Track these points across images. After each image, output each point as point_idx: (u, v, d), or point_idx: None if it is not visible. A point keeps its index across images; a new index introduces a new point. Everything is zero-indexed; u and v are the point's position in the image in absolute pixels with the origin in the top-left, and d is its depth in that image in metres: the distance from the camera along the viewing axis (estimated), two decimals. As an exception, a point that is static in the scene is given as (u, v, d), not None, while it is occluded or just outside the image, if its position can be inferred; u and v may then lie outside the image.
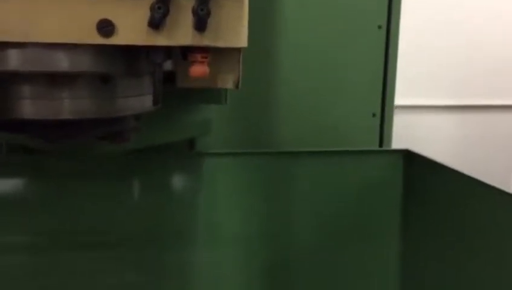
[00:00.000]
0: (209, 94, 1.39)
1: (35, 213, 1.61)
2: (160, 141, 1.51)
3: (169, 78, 1.10)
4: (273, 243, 1.78)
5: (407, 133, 2.17)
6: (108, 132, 1.07)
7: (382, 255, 1.81)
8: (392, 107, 1.88)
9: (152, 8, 0.87)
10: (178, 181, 1.74)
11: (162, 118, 1.38)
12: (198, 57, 0.93)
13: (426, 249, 1.71)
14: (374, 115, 1.86)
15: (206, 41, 0.92)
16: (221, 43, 0.94)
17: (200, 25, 0.90)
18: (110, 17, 0.87)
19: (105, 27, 0.87)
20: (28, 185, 1.63)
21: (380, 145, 1.87)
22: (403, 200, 1.78)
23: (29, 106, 0.93)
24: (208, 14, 0.89)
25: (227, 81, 1.09)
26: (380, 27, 1.82)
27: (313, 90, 1.81)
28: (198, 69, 0.93)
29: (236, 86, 1.10)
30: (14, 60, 0.89)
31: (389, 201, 1.79)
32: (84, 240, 1.65)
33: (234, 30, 0.94)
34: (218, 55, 1.02)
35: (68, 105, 0.94)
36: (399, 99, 1.94)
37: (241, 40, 0.95)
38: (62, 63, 0.90)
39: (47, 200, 1.62)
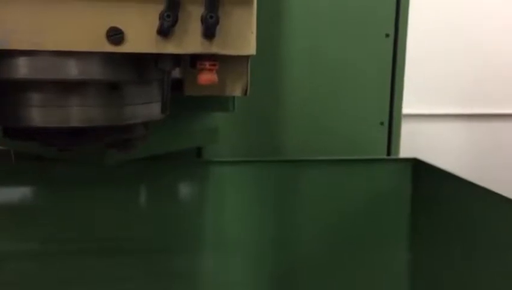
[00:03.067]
0: (217, 102, 1.39)
1: (43, 220, 1.63)
2: (168, 149, 1.51)
3: (177, 86, 1.10)
4: (280, 251, 1.78)
5: (414, 142, 2.16)
6: (117, 139, 1.07)
7: (390, 263, 1.81)
8: (399, 115, 1.88)
9: (161, 16, 0.87)
10: (186, 189, 1.75)
11: (170, 126, 1.38)
12: (207, 64, 0.93)
13: (434, 257, 1.70)
14: (381, 123, 1.86)
15: (214, 49, 0.92)
16: (230, 51, 0.94)
17: (209, 32, 0.90)
18: (119, 25, 0.88)
19: (115, 35, 0.87)
20: (36, 192, 1.64)
21: (388, 153, 1.87)
22: (411, 209, 1.77)
23: (39, 113, 0.93)
24: (217, 21, 0.89)
25: (236, 89, 1.09)
26: (387, 35, 1.83)
27: (321, 98, 1.82)
28: (207, 77, 0.93)
29: (245, 93, 1.10)
30: (24, 68, 0.89)
31: (397, 209, 1.78)
32: (92, 246, 1.66)
33: (243, 38, 0.94)
34: (225, 62, 1.01)
35: (77, 113, 0.94)
36: (406, 108, 1.94)
37: (250, 47, 0.95)
38: (71, 71, 0.90)
39: (55, 207, 1.63)
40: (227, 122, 1.66)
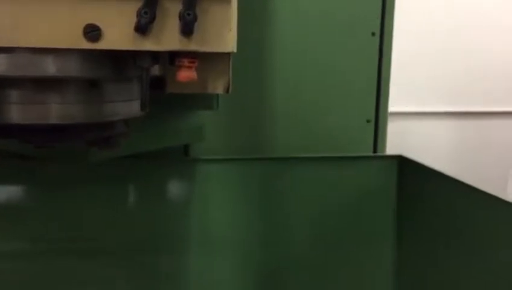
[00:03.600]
0: (201, 100, 1.39)
1: (30, 220, 1.62)
2: (153, 147, 1.51)
3: (161, 84, 1.10)
4: (267, 249, 1.78)
5: (401, 140, 2.17)
6: (98, 137, 1.07)
7: (377, 259, 1.81)
8: (386, 113, 1.88)
9: (138, 13, 0.88)
10: (172, 187, 1.74)
11: (155, 124, 1.38)
12: (186, 61, 0.93)
13: (420, 254, 1.70)
14: (368, 121, 1.87)
15: (193, 46, 0.92)
16: (208, 48, 0.94)
17: (187, 29, 0.90)
18: (96, 22, 0.88)
19: (92, 32, 0.87)
20: (20, 192, 1.63)
21: (374, 151, 1.87)
22: (396, 206, 1.78)
23: (17, 110, 0.93)
24: (195, 18, 0.89)
25: (218, 86, 1.09)
26: (373, 34, 1.83)
27: (307, 96, 1.82)
28: (186, 74, 0.93)
29: (227, 91, 1.10)
30: (1, 65, 0.89)
31: (383, 206, 1.79)
32: (78, 246, 1.65)
33: (221, 35, 0.94)
34: (208, 60, 1.02)
35: (56, 110, 0.94)
36: (393, 106, 1.94)
37: (228, 44, 0.95)
38: (49, 67, 0.90)
39: (40, 207, 1.62)
40: (214, 121, 1.67)
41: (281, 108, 1.80)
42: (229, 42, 0.95)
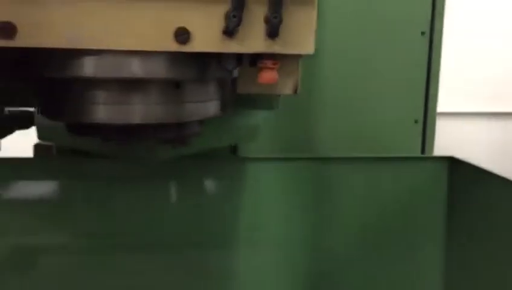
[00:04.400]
0: (263, 100, 1.40)
1: (80, 214, 1.65)
2: (211, 146, 1.52)
3: (232, 84, 1.11)
4: (313, 249, 1.78)
5: (448, 140, 2.16)
6: (174, 136, 1.08)
7: (426, 262, 1.80)
8: (434, 113, 1.88)
9: (227, 17, 0.89)
10: (220, 186, 1.76)
11: (214, 123, 1.39)
12: (269, 63, 0.94)
13: (471, 257, 1.69)
14: (416, 121, 1.86)
15: (277, 48, 0.94)
16: (291, 50, 0.95)
17: (273, 32, 0.91)
18: (186, 25, 0.89)
19: (182, 35, 0.88)
20: (74, 187, 1.66)
21: (422, 151, 1.87)
22: (447, 209, 1.77)
23: (103, 110, 0.95)
24: (281, 21, 0.91)
25: (286, 87, 1.10)
26: (423, 33, 1.83)
27: (356, 96, 1.83)
28: (268, 76, 0.95)
29: (295, 92, 1.11)
30: (91, 67, 0.91)
31: (433, 209, 1.78)
32: (128, 242, 1.68)
33: (304, 37, 0.95)
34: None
35: (140, 110, 0.96)
36: (440, 106, 1.93)
37: (310, 46, 0.96)
38: (137, 69, 0.92)
39: (92, 202, 1.65)
40: (263, 120, 1.67)
41: (329, 107, 1.81)
42: (311, 44, 0.96)
